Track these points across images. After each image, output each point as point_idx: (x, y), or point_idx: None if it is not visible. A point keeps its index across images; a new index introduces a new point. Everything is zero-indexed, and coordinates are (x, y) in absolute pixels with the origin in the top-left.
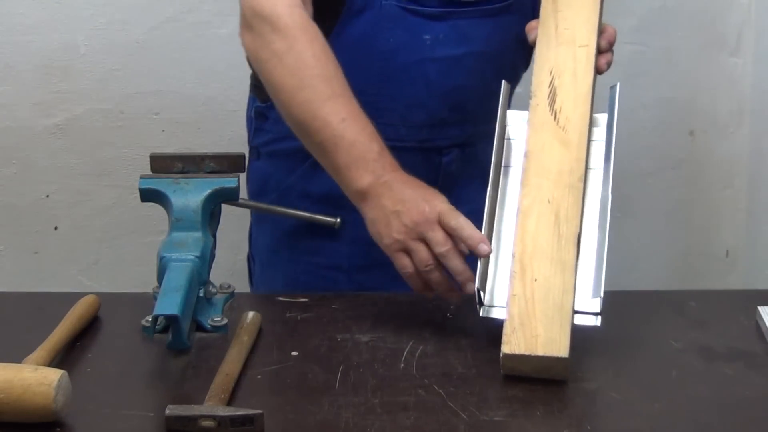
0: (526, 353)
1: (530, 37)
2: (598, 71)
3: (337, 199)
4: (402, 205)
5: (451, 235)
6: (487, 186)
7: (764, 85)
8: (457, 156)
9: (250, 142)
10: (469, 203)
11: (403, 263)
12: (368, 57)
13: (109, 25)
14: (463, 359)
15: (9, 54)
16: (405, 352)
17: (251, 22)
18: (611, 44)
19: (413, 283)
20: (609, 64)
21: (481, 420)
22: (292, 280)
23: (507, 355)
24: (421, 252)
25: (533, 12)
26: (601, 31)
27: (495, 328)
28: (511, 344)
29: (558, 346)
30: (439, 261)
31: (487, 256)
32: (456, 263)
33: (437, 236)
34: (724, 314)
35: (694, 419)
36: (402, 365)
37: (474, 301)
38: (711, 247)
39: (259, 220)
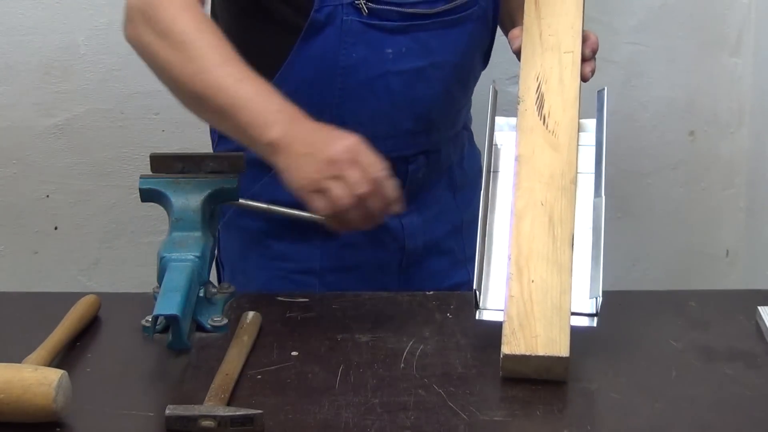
0: (527, 353)
1: (514, 45)
2: (583, 79)
3: (305, 205)
4: (313, 147)
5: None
6: (452, 187)
7: (764, 85)
8: (423, 162)
9: (214, 150)
10: (436, 204)
11: (319, 205)
12: (330, 72)
13: (109, 25)
14: (463, 359)
15: (9, 54)
16: (405, 352)
17: (132, 15)
18: (594, 52)
19: (330, 223)
20: (593, 72)
21: (481, 420)
22: (264, 287)
23: (507, 356)
24: (337, 189)
25: (494, 19)
26: (584, 38)
27: (495, 328)
28: (511, 345)
29: (558, 346)
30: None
31: (398, 215)
32: (376, 204)
33: (354, 175)
34: (724, 314)
35: (694, 419)
36: (402, 365)
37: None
38: (711, 247)
39: (227, 225)
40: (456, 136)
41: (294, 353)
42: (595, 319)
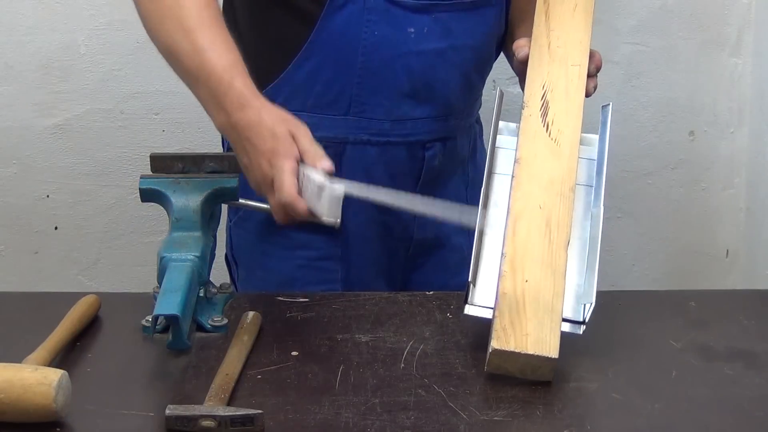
0: (517, 350)
1: (520, 54)
2: (586, 94)
3: None
4: (248, 161)
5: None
6: (465, 182)
7: (764, 85)
8: (439, 150)
9: (225, 146)
10: (450, 199)
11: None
12: (352, 51)
13: (109, 25)
14: (463, 359)
15: (9, 54)
16: (405, 352)
17: None
18: (598, 69)
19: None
20: (595, 88)
21: (481, 420)
22: (287, 278)
23: (496, 351)
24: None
25: (507, 6)
26: (590, 55)
27: None
28: (501, 340)
29: (548, 347)
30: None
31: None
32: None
33: (272, 200)
34: (724, 314)
35: (694, 419)
36: (402, 365)
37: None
38: (711, 247)
39: (240, 222)
40: (470, 127)
41: (294, 353)
42: (582, 327)
